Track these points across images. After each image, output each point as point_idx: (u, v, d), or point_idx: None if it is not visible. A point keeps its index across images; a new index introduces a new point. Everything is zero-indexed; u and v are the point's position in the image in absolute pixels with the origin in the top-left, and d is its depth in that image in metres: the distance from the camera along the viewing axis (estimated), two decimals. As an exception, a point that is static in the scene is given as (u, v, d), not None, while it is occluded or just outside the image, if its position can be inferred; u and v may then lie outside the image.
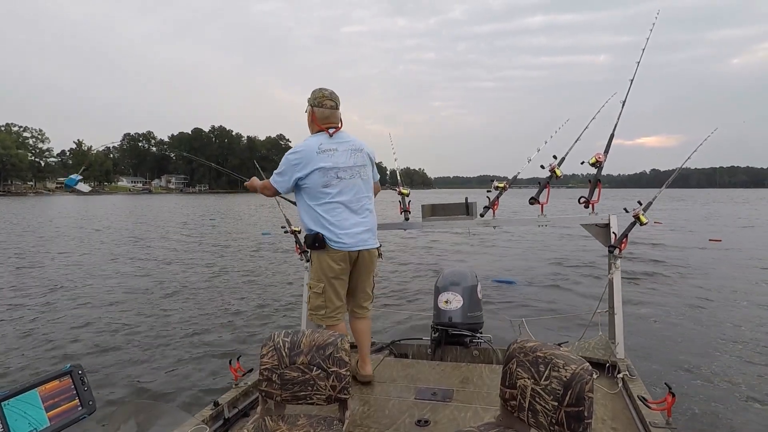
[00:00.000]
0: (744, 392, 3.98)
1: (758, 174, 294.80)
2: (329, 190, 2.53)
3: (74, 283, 8.91)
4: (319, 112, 2.60)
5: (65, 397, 1.07)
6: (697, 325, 5.88)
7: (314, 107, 2.61)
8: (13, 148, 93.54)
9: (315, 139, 2.58)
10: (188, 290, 8.23)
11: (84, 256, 12.44)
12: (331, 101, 2.62)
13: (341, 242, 2.53)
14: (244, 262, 11.35)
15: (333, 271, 2.56)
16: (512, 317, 5.92)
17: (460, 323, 3.19)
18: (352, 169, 2.60)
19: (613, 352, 2.79)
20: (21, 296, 7.82)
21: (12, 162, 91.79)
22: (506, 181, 3.00)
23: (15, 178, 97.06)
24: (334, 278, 2.57)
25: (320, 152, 2.53)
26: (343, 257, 2.56)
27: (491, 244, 14.25)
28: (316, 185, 2.53)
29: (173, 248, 14.03)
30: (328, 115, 2.61)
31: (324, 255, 2.55)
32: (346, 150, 2.60)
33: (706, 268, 10.11)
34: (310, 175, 2.53)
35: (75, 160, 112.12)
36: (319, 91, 2.63)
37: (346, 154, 2.59)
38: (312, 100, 2.62)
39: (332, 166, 2.54)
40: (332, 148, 2.56)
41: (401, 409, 2.40)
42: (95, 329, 5.94)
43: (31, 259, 11.86)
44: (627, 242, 2.71)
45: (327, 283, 2.58)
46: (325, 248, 2.54)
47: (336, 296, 2.61)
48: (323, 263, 2.56)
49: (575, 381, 1.44)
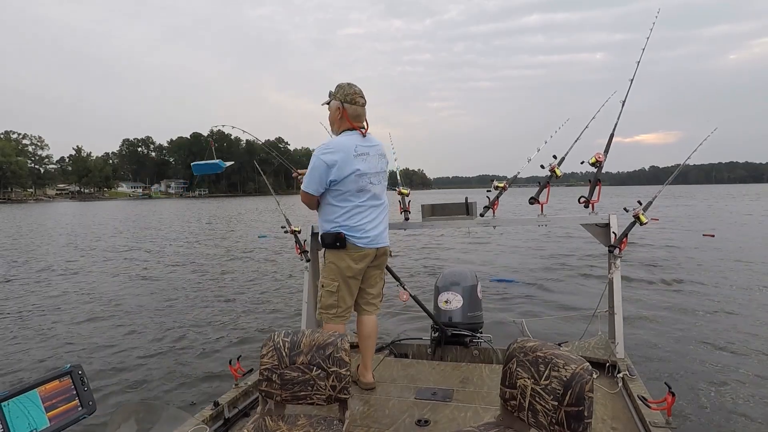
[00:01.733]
0: (744, 392, 3.97)
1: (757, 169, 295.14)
2: (361, 195, 2.45)
3: (74, 284, 8.93)
4: (351, 109, 2.44)
5: (65, 397, 1.08)
6: (697, 325, 5.87)
7: (346, 103, 2.44)
8: (12, 155, 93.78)
9: (350, 140, 2.44)
10: (187, 290, 8.24)
11: (84, 258, 12.47)
12: (363, 99, 2.49)
13: (364, 242, 2.48)
14: (244, 264, 11.35)
15: (351, 270, 2.50)
16: (512, 317, 5.92)
17: (460, 323, 3.19)
18: (379, 175, 2.54)
19: (613, 351, 2.79)
20: (21, 296, 7.82)
21: (12, 169, 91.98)
22: (506, 180, 3.01)
23: (15, 185, 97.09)
24: (350, 278, 2.52)
25: (357, 155, 2.41)
26: (364, 256, 2.51)
27: (491, 244, 14.25)
28: (348, 188, 2.42)
29: (174, 251, 14.05)
30: (360, 113, 2.48)
31: (343, 254, 2.48)
32: (375, 155, 2.51)
33: (702, 264, 10.10)
34: (345, 179, 2.40)
35: (74, 167, 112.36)
36: (349, 87, 2.47)
37: (376, 158, 2.51)
38: (342, 95, 2.45)
39: (366, 171, 2.44)
40: (366, 152, 2.46)
41: (401, 409, 2.40)
42: (95, 329, 5.97)
43: (31, 260, 11.87)
44: (627, 242, 2.72)
45: (342, 282, 2.52)
46: (345, 247, 2.47)
47: (350, 295, 2.57)
48: (341, 263, 2.49)
49: (575, 381, 1.45)
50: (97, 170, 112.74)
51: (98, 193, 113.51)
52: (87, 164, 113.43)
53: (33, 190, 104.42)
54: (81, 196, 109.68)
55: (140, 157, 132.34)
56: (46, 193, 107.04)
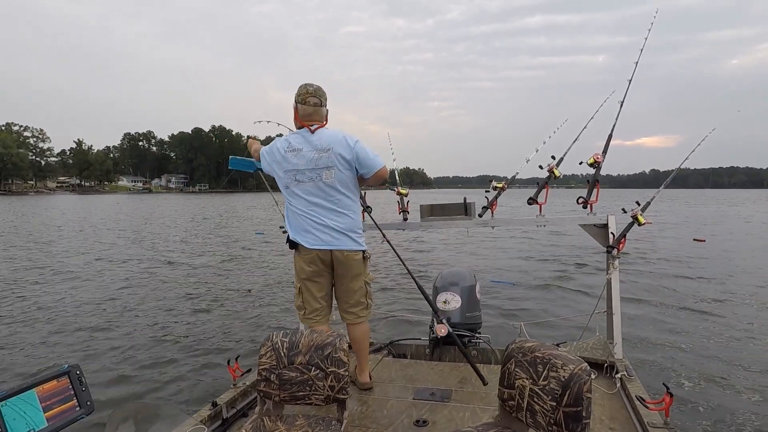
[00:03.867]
0: (742, 392, 3.98)
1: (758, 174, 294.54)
2: (292, 191, 2.49)
3: (72, 283, 8.89)
4: (301, 109, 2.51)
5: (63, 397, 1.07)
6: (695, 326, 5.89)
7: (298, 104, 2.51)
8: (13, 147, 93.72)
9: (286, 138, 2.55)
10: (186, 290, 8.21)
11: (83, 255, 12.43)
12: (315, 98, 2.50)
13: (309, 243, 2.46)
14: (241, 262, 11.34)
15: (305, 272, 2.52)
16: (511, 317, 5.92)
17: (458, 323, 3.18)
18: (313, 171, 2.44)
19: (611, 352, 2.79)
20: (20, 295, 7.80)
21: (13, 161, 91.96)
22: (504, 181, 3.01)
23: (16, 177, 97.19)
24: (306, 279, 2.53)
25: (287, 151, 2.49)
26: (313, 259, 2.48)
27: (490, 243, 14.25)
28: (282, 185, 2.53)
29: (172, 248, 14.03)
30: (310, 113, 2.51)
31: (297, 256, 2.53)
32: (310, 150, 2.45)
33: (697, 267, 10.16)
34: (277, 174, 2.54)
35: (75, 160, 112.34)
36: (303, 87, 2.53)
37: (309, 155, 2.44)
38: (296, 96, 2.53)
39: (291, 168, 2.47)
40: (299, 148, 2.47)
41: (399, 409, 2.41)
42: (93, 329, 5.92)
43: (31, 258, 11.86)
44: (625, 243, 2.72)
45: (302, 284, 2.56)
46: (297, 249, 2.51)
47: (312, 298, 2.56)
48: (297, 264, 2.56)
49: (573, 381, 1.44)
50: (97, 164, 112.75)
51: (98, 186, 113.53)
52: (88, 157, 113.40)
53: (34, 183, 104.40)
54: (81, 189, 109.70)
55: (141, 151, 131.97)
56: (46, 186, 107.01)
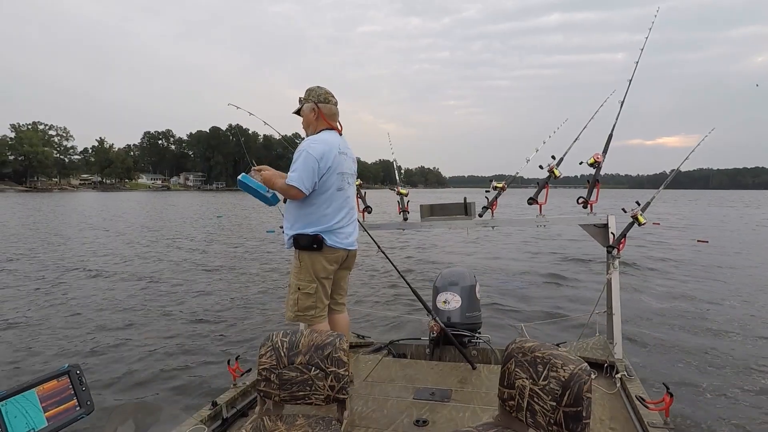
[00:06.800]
0: (742, 392, 3.92)
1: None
2: (340, 195, 2.46)
3: (72, 282, 8.76)
4: (326, 108, 2.47)
5: (63, 397, 1.09)
6: (696, 326, 5.80)
7: (320, 104, 2.47)
8: (39, 145, 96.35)
9: (333, 138, 2.45)
10: (186, 289, 8.11)
11: (83, 255, 12.18)
12: (335, 98, 2.52)
13: (341, 244, 2.50)
14: (245, 261, 11.25)
15: (326, 271, 2.51)
16: (510, 317, 5.90)
17: (458, 323, 3.18)
18: (352, 176, 2.61)
19: (611, 352, 2.78)
20: (19, 295, 7.71)
21: (38, 159, 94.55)
22: (504, 181, 3.01)
23: (41, 174, 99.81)
24: (325, 278, 2.53)
25: (340, 153, 2.44)
26: (338, 258, 2.53)
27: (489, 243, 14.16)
28: (329, 187, 2.41)
29: (175, 246, 13.94)
30: (335, 112, 2.50)
31: (319, 256, 2.47)
32: (350, 156, 2.57)
33: (700, 267, 10.01)
34: (329, 176, 2.39)
35: (97, 158, 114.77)
36: (319, 88, 2.51)
37: (350, 161, 2.56)
38: (315, 96, 2.48)
39: (345, 171, 2.49)
40: (345, 152, 2.50)
41: (400, 409, 2.41)
42: (93, 329, 5.84)
43: (32, 256, 11.78)
44: (625, 242, 2.71)
45: (319, 284, 2.52)
46: (321, 250, 2.45)
47: (326, 296, 2.58)
48: (317, 264, 2.47)
49: (573, 381, 1.44)
50: (118, 161, 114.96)
51: (119, 183, 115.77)
52: (109, 155, 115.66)
53: (58, 180, 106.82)
54: (103, 186, 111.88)
55: (160, 149, 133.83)
56: (70, 183, 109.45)
